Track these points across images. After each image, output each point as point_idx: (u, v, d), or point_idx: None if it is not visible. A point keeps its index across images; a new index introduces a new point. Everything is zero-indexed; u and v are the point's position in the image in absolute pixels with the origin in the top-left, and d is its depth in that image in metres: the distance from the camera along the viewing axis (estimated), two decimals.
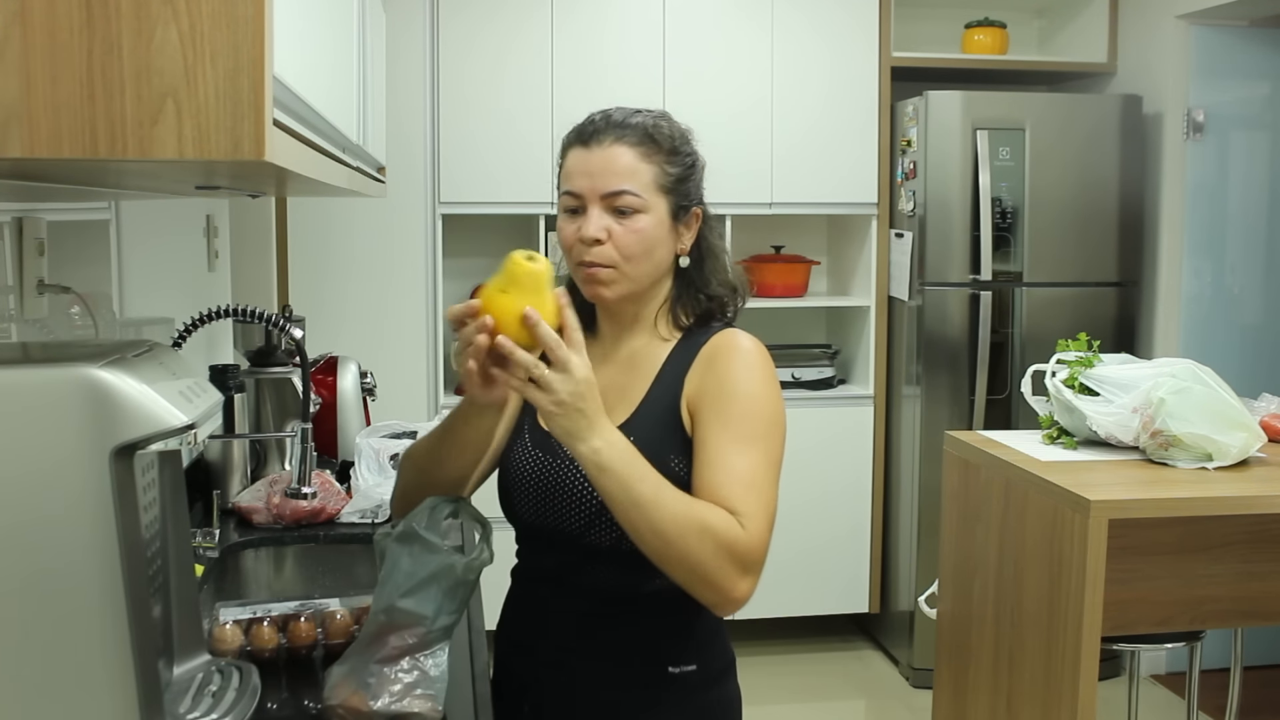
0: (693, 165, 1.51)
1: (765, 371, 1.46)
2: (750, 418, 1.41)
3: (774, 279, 4.22)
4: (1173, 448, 2.49)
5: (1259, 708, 3.60)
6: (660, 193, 1.46)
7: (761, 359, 1.47)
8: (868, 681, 4.08)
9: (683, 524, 1.31)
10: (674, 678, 1.48)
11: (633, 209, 1.44)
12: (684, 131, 1.52)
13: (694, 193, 1.51)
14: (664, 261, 1.50)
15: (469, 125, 3.85)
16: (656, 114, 1.51)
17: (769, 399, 1.44)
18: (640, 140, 1.46)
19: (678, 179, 1.48)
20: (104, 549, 1.02)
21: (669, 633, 1.46)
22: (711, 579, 1.34)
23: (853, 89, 4.07)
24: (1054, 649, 2.38)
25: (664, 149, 1.48)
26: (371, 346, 3.69)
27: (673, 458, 1.43)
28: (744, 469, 1.38)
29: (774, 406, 1.44)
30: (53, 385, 1.01)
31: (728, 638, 1.57)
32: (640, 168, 1.45)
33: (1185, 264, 3.99)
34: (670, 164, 1.48)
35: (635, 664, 1.49)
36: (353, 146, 1.77)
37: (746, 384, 1.43)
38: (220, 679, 1.24)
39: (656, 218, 1.46)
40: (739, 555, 1.34)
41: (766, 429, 1.42)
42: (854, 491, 4.17)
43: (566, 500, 1.47)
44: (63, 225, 1.82)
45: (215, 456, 2.38)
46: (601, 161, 1.45)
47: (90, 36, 0.88)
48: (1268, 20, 3.91)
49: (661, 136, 1.48)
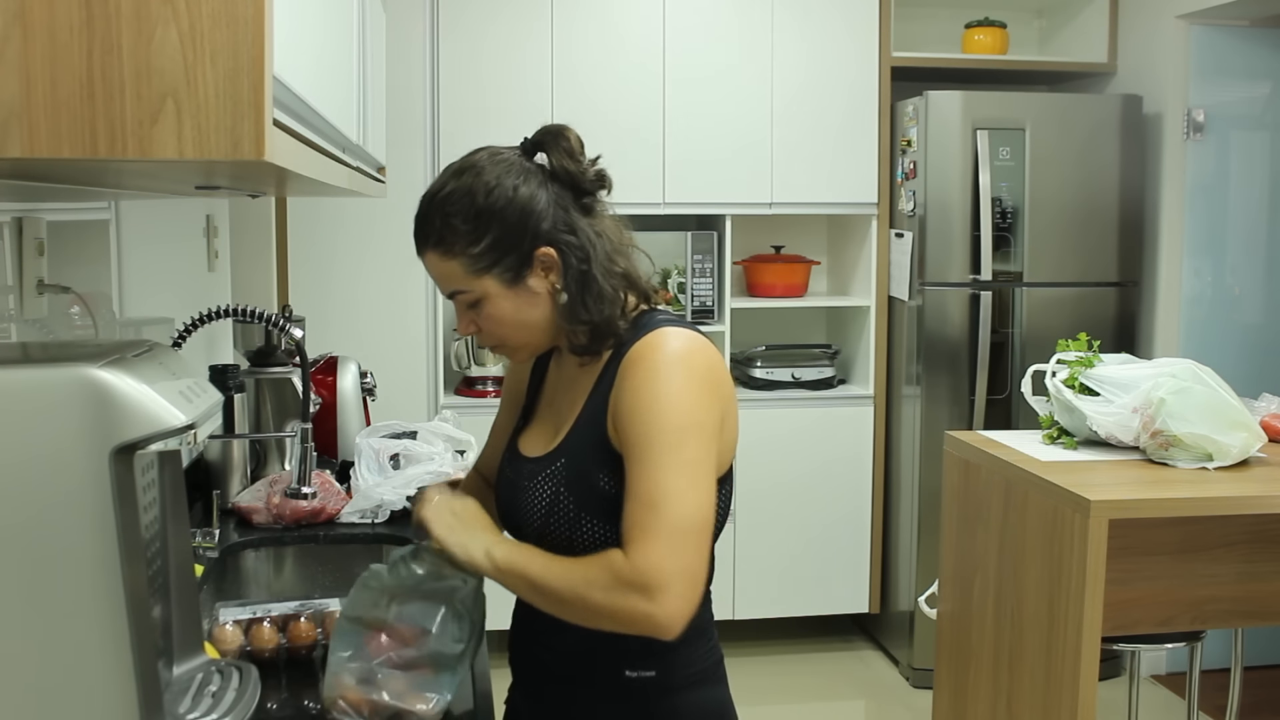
0: (505, 221, 1.40)
1: (677, 374, 1.38)
2: (654, 429, 1.35)
3: (774, 279, 4.22)
4: (1173, 448, 2.49)
5: (1259, 708, 3.60)
6: (480, 275, 1.41)
7: (676, 361, 1.39)
8: (868, 681, 4.08)
9: (567, 585, 1.35)
10: (631, 682, 1.47)
11: (472, 302, 1.44)
12: (485, 186, 1.40)
13: (525, 243, 1.40)
14: (541, 315, 1.45)
15: (469, 125, 3.85)
16: (446, 191, 1.42)
17: (677, 405, 1.36)
18: (437, 242, 1.42)
19: (489, 250, 1.40)
20: (104, 549, 1.02)
21: (624, 636, 1.41)
22: (620, 619, 1.33)
23: (853, 89, 4.06)
24: (1054, 649, 2.38)
25: (461, 235, 1.40)
26: (371, 346, 3.69)
27: (601, 476, 1.42)
28: (645, 488, 1.34)
29: (684, 412, 1.36)
30: (53, 385, 1.01)
31: (704, 647, 1.52)
32: (451, 267, 1.42)
33: (1185, 264, 3.99)
34: (474, 245, 1.40)
35: (595, 665, 1.49)
36: (353, 146, 1.77)
37: (649, 394, 1.37)
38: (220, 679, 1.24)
39: (496, 296, 1.42)
40: (625, 583, 1.30)
41: (675, 437, 1.35)
42: (854, 491, 4.17)
43: (524, 497, 1.48)
44: (62, 225, 1.82)
45: (215, 456, 2.38)
46: (428, 269, 1.45)
47: (90, 36, 0.88)
48: (1268, 20, 3.91)
49: (452, 225, 1.40)
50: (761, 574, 4.09)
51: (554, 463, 1.46)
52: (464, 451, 2.50)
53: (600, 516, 1.41)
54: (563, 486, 1.44)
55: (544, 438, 1.52)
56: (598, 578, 1.32)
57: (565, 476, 1.44)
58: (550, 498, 1.44)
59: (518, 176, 1.42)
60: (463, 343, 4.00)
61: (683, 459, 1.35)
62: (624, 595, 1.30)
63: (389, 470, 2.37)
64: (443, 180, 1.43)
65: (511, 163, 1.43)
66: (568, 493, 1.43)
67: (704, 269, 4.06)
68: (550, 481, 1.45)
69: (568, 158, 1.44)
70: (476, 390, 4.03)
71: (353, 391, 2.77)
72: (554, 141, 1.45)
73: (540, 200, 1.42)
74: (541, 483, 1.46)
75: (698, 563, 1.34)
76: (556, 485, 1.44)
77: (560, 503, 1.43)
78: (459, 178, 1.42)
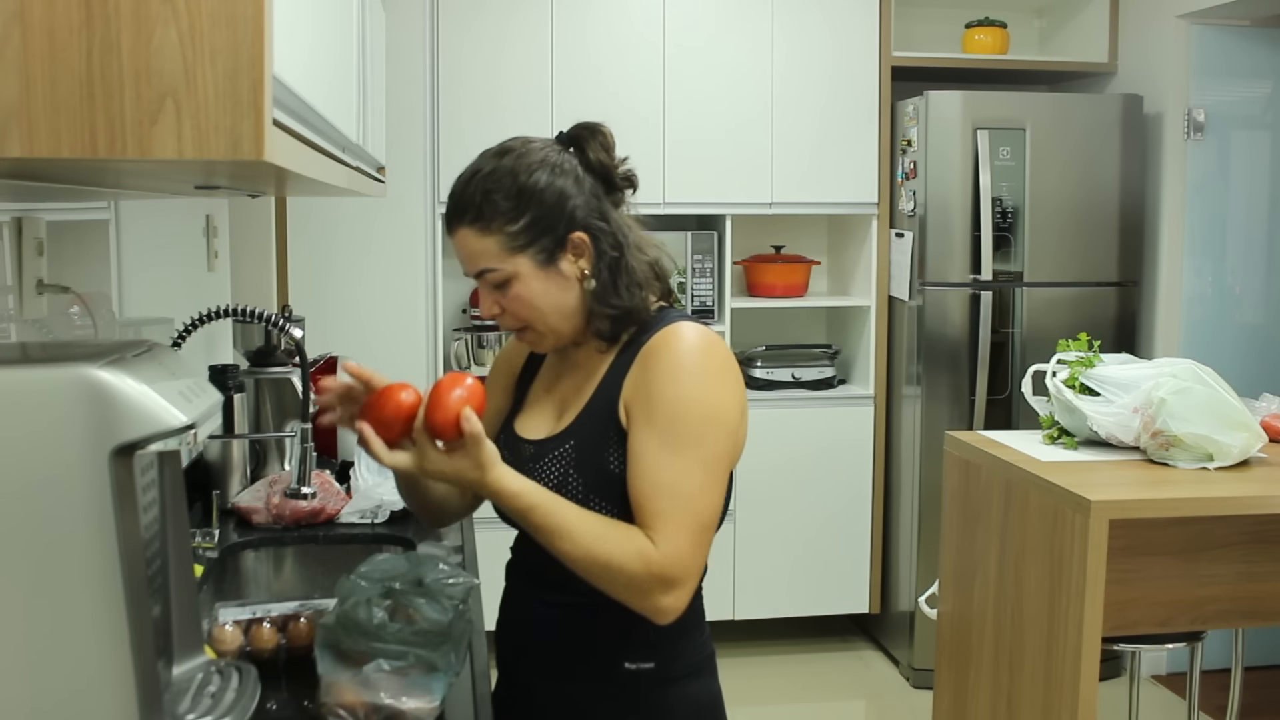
0: (543, 203, 1.43)
1: (701, 368, 1.43)
2: (678, 420, 1.40)
3: (774, 279, 4.22)
4: (1173, 448, 2.49)
5: (1260, 708, 3.60)
6: (516, 254, 1.43)
7: (699, 355, 1.43)
8: (868, 681, 4.08)
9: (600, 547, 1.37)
10: (630, 674, 1.49)
11: (500, 282, 1.45)
12: (527, 166, 1.44)
13: (560, 225, 1.44)
14: (569, 300, 1.47)
15: (469, 125, 3.85)
16: (487, 170, 1.45)
17: (702, 398, 1.41)
18: (475, 217, 1.43)
19: (526, 229, 1.43)
20: (103, 549, 1.01)
21: (626, 628, 1.45)
22: (633, 602, 1.39)
23: (853, 89, 4.06)
24: (1054, 649, 2.38)
25: (501, 212, 1.42)
26: (371, 346, 3.69)
27: (611, 458, 1.45)
28: (669, 478, 1.38)
29: (709, 405, 1.41)
30: (52, 385, 1.01)
31: (699, 639, 1.55)
32: (485, 244, 1.43)
33: (1186, 264, 3.99)
34: (512, 223, 1.42)
35: (594, 657, 1.51)
36: (353, 146, 1.77)
37: (674, 385, 1.41)
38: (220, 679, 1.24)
39: (527, 276, 1.44)
40: (654, 575, 1.36)
41: (699, 430, 1.40)
42: (854, 492, 4.17)
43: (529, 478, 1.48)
44: (62, 225, 1.81)
45: (215, 456, 2.37)
46: (458, 247, 1.47)
47: (89, 36, 0.88)
48: (1268, 20, 3.91)
49: (493, 201, 1.43)
50: (761, 574, 4.09)
51: (563, 444, 1.48)
52: None
53: (608, 498, 1.44)
54: (572, 468, 1.46)
55: (547, 421, 1.54)
56: (628, 558, 1.36)
57: (575, 458, 1.46)
58: (559, 478, 1.46)
59: (556, 163, 1.46)
60: (462, 342, 4.00)
61: (707, 453, 1.40)
62: (648, 581, 1.36)
63: (388, 471, 2.37)
64: (482, 161, 1.47)
65: (550, 150, 1.48)
66: (577, 474, 1.45)
67: (704, 269, 4.06)
68: (558, 463, 1.48)
69: (603, 152, 1.49)
70: None
71: None
72: (590, 136, 1.50)
73: (577, 188, 1.46)
74: (549, 464, 1.48)
75: (705, 559, 1.42)
76: (565, 466, 1.47)
77: (569, 483, 1.45)
78: (500, 158, 1.46)
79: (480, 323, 4.03)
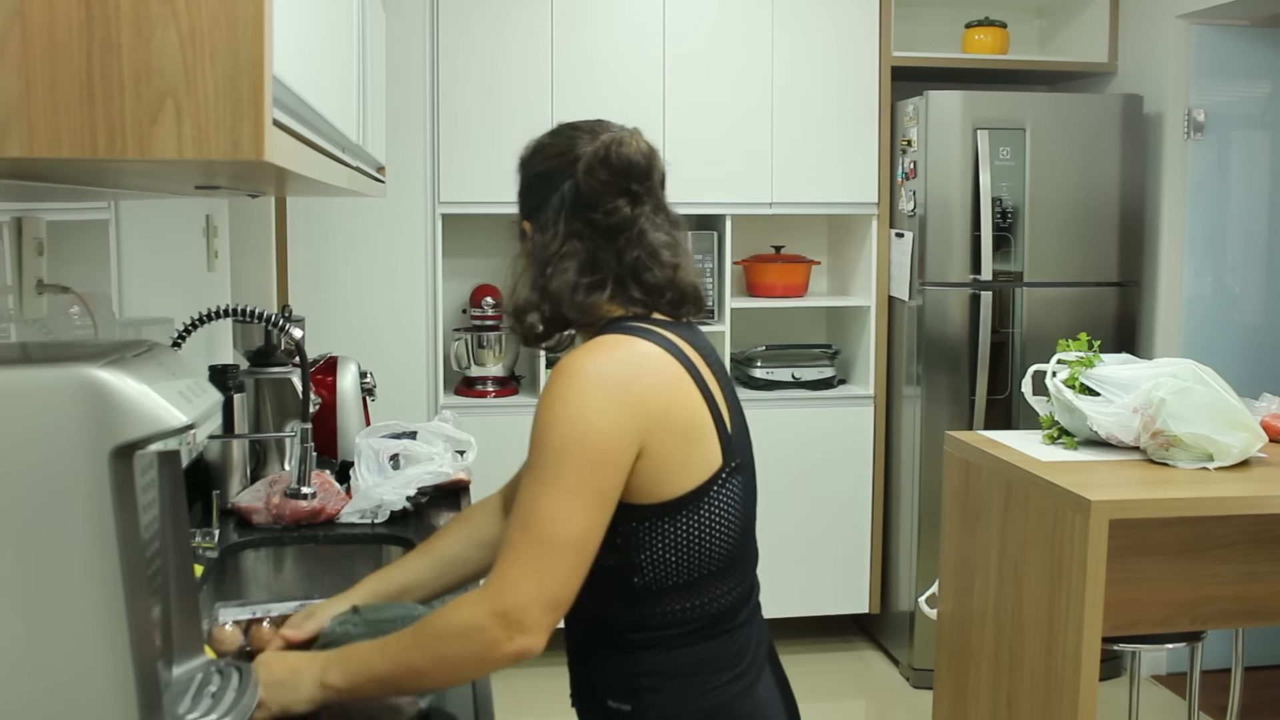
0: (524, 181, 1.55)
1: (565, 392, 1.35)
2: (538, 446, 1.34)
3: (774, 279, 4.22)
4: (1173, 448, 2.49)
5: (1260, 708, 3.60)
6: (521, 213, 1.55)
7: (567, 379, 1.35)
8: (868, 681, 4.08)
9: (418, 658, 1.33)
10: (612, 712, 1.45)
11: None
12: (535, 144, 1.55)
13: (524, 209, 1.55)
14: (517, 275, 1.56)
15: (469, 125, 3.85)
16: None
17: (558, 423, 1.33)
18: None
19: (519, 193, 1.55)
20: (103, 549, 1.01)
21: (611, 667, 1.43)
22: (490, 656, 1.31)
23: (853, 89, 4.06)
24: (1054, 649, 2.38)
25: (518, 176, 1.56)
26: (371, 346, 3.69)
27: None
28: (525, 505, 1.33)
29: (565, 429, 1.33)
30: (52, 385, 1.00)
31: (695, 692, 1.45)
32: None
33: (1186, 264, 3.99)
34: (519, 183, 1.55)
35: (586, 692, 1.51)
36: (353, 146, 1.77)
37: (542, 409, 1.36)
38: (220, 679, 1.24)
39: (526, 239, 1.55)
40: (488, 613, 1.30)
41: (556, 456, 1.32)
42: (854, 492, 4.17)
43: None
44: (62, 225, 1.81)
45: (215, 456, 2.37)
46: None
47: (89, 36, 0.88)
48: (1268, 20, 3.91)
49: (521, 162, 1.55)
50: (761, 574, 4.07)
51: None
52: (464, 452, 2.50)
53: None
54: None
55: None
56: (455, 617, 1.32)
57: None
58: None
59: (559, 154, 1.50)
60: (462, 342, 4.00)
61: (567, 481, 1.32)
62: (483, 620, 1.29)
63: (389, 470, 2.37)
64: None
65: (570, 142, 1.50)
66: None
67: (704, 269, 4.05)
68: None
69: (602, 168, 1.46)
70: (476, 390, 4.03)
71: (352, 391, 2.77)
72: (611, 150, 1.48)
73: (554, 180, 1.49)
74: None
75: (559, 586, 1.31)
76: None
77: None
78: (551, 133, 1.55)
79: (480, 323, 4.03)
